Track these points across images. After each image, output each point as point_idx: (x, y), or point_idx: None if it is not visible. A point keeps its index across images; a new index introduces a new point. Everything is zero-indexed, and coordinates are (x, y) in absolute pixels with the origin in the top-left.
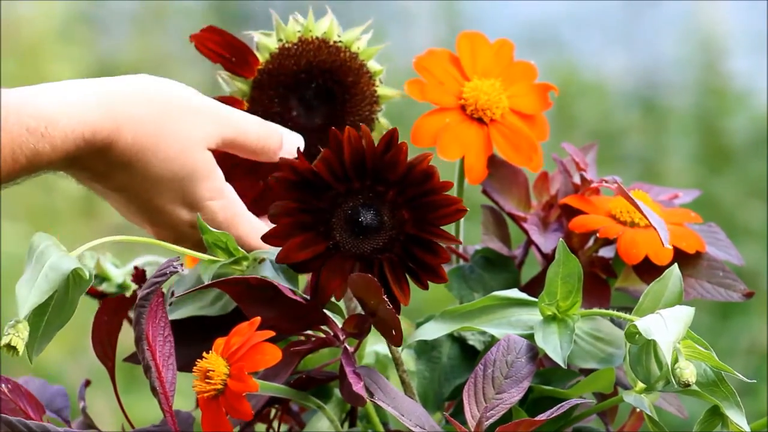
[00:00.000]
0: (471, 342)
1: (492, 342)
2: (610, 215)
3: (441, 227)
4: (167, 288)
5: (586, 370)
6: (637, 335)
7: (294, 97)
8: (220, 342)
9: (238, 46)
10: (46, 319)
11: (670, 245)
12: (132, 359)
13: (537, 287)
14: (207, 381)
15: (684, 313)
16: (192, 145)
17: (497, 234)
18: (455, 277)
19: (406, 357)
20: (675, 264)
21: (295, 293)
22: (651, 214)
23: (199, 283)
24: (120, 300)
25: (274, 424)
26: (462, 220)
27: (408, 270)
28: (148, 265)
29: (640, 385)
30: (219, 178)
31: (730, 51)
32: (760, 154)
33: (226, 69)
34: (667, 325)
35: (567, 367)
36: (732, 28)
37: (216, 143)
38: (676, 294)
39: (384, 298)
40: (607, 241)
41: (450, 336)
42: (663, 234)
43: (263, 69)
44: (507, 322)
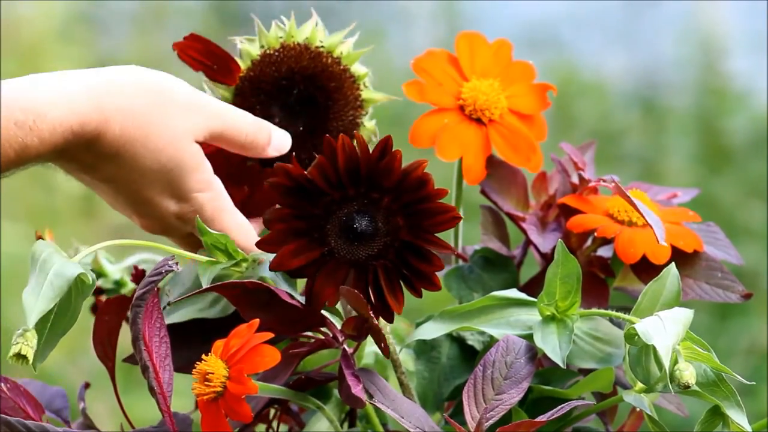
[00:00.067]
0: (470, 342)
1: (491, 342)
2: (607, 214)
3: (435, 234)
4: (164, 285)
5: (585, 369)
6: (637, 337)
7: (276, 104)
8: (219, 344)
9: (219, 54)
10: (49, 326)
11: (666, 243)
12: (131, 360)
13: (536, 287)
14: (206, 383)
15: (683, 315)
16: (180, 137)
17: (496, 234)
18: (454, 278)
19: (405, 357)
20: (672, 263)
21: (293, 297)
22: (647, 212)
23: (196, 283)
24: (121, 300)
25: (273, 424)
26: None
27: (402, 277)
28: (143, 263)
29: (639, 385)
30: (207, 170)
31: (730, 51)
32: (760, 154)
33: (208, 77)
34: (666, 328)
35: (566, 367)
36: (732, 28)
37: (204, 136)
38: (674, 293)
39: (371, 314)
40: (605, 241)
41: (449, 336)
42: (659, 231)
43: (244, 76)
44: (506, 322)
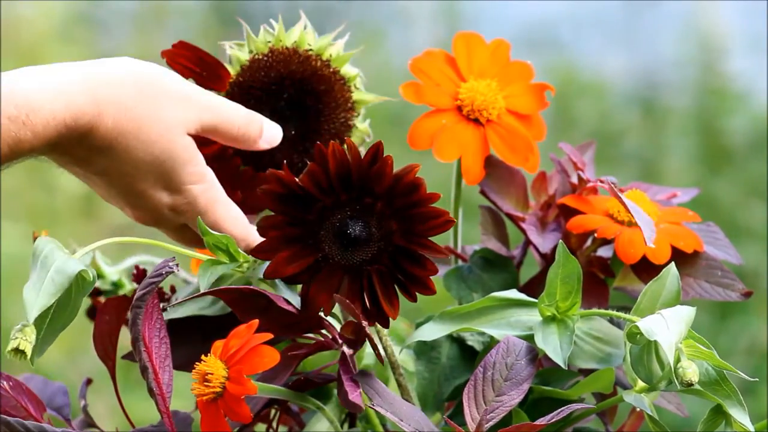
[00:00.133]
0: (470, 342)
1: (491, 342)
2: (607, 215)
3: (429, 238)
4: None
5: (585, 370)
6: (639, 336)
7: (266, 109)
8: (218, 345)
9: (208, 60)
10: (48, 322)
11: (654, 245)
12: (131, 356)
13: (536, 287)
14: (206, 384)
15: (685, 313)
16: (172, 129)
17: (496, 234)
18: (454, 278)
19: (405, 357)
20: (672, 263)
21: (289, 302)
22: (638, 213)
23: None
24: (122, 300)
25: (274, 424)
26: (460, 220)
27: (396, 282)
28: (142, 265)
29: (639, 385)
30: (200, 162)
31: (730, 51)
32: (760, 154)
33: (198, 83)
34: (669, 326)
35: (567, 368)
36: (732, 28)
37: (196, 128)
38: (673, 293)
39: (363, 325)
40: (605, 241)
41: (449, 336)
42: (647, 233)
43: (234, 82)
44: (506, 322)
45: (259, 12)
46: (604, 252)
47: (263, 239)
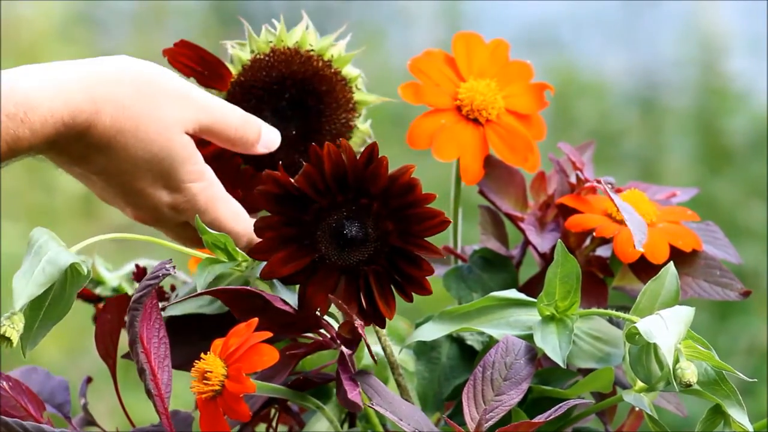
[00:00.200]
0: (470, 342)
1: (491, 342)
2: (606, 214)
3: (425, 239)
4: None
5: (584, 369)
6: (638, 336)
7: (268, 109)
8: (218, 343)
9: (209, 60)
10: (42, 313)
11: (642, 249)
12: (130, 356)
13: (535, 287)
14: (205, 382)
15: (684, 314)
16: (170, 127)
17: (495, 234)
18: (453, 278)
19: (405, 357)
20: (671, 262)
21: (286, 303)
22: (631, 214)
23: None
24: (123, 299)
25: (273, 423)
26: (460, 220)
27: (393, 282)
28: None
29: (639, 385)
30: (199, 160)
31: (730, 51)
32: (760, 154)
33: (199, 83)
34: (668, 327)
35: (566, 367)
36: (732, 28)
37: (193, 128)
38: (672, 292)
39: (357, 326)
40: (604, 240)
41: (449, 336)
42: (637, 236)
43: (236, 81)
44: (506, 322)
45: (259, 12)
46: (602, 251)
47: (259, 240)
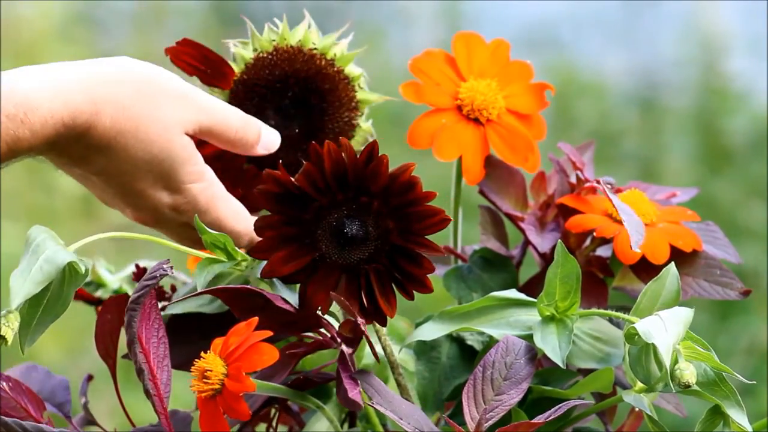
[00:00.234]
0: (470, 342)
1: (491, 342)
2: (606, 214)
3: (426, 237)
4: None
5: (584, 370)
6: (637, 337)
7: (271, 107)
8: (218, 342)
9: (212, 58)
10: (40, 312)
11: (639, 250)
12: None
13: (535, 287)
14: (205, 381)
15: (683, 315)
16: (170, 128)
17: (495, 234)
18: (453, 278)
19: (405, 357)
20: (672, 263)
21: (287, 301)
22: (628, 215)
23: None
24: (122, 298)
25: (274, 423)
26: (460, 220)
27: (394, 280)
28: None
29: (639, 385)
30: (199, 161)
31: (730, 51)
32: (760, 154)
33: (202, 81)
34: (667, 328)
35: (566, 367)
36: (732, 28)
37: (193, 129)
38: (673, 293)
39: (359, 324)
40: (604, 241)
41: (449, 336)
42: (634, 237)
43: (238, 80)
44: (506, 322)
45: (260, 12)
46: (603, 251)
47: (260, 239)
